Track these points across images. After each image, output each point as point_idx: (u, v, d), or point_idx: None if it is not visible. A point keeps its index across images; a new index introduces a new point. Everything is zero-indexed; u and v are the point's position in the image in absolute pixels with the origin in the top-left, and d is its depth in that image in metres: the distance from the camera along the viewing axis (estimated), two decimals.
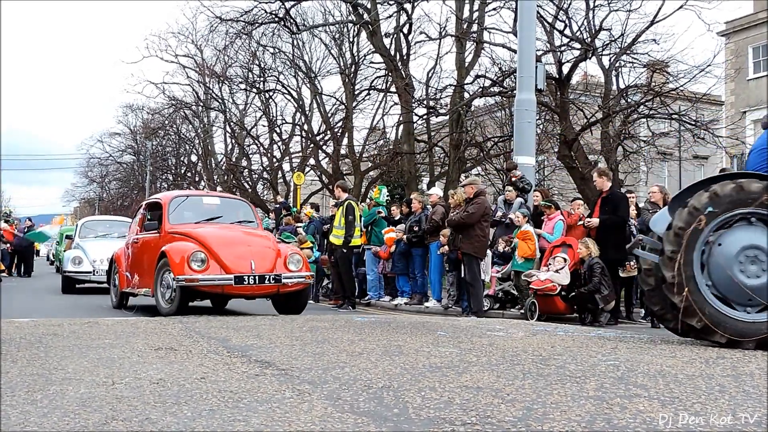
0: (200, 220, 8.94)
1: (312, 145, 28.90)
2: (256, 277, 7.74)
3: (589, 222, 9.23)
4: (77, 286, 14.26)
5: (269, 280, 7.83)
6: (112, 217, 26.80)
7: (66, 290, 14.04)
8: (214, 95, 33.36)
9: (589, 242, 9.03)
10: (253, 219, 9.57)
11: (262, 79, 29.52)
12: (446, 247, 10.20)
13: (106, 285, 13.81)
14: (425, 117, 22.51)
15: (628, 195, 10.94)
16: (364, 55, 26.44)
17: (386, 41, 21.67)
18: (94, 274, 13.61)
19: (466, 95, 19.24)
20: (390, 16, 21.89)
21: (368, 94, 27.41)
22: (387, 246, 11.74)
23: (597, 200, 9.48)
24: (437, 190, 12.43)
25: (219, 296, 8.45)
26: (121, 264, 9.61)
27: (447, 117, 21.12)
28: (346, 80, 26.65)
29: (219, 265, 7.72)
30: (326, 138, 28.89)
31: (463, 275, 9.68)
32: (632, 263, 9.45)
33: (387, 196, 15.38)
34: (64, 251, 16.65)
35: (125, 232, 15.23)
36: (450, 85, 20.42)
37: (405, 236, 11.31)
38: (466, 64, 20.31)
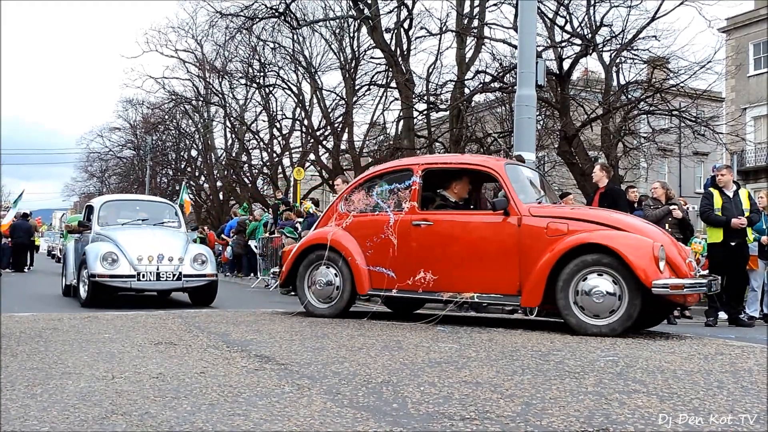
0: (539, 197, 6.54)
1: (312, 141, 28.89)
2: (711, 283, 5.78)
3: None
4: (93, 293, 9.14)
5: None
6: (138, 196, 20.86)
7: (93, 302, 8.96)
8: (214, 90, 33.35)
9: None
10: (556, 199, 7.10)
11: (262, 74, 29.50)
12: None
13: (150, 293, 10.14)
14: (425, 112, 22.50)
15: (630, 190, 10.94)
16: (365, 51, 26.42)
17: (387, 36, 21.63)
18: (139, 279, 9.04)
19: (467, 91, 19.23)
20: (390, 12, 21.87)
21: (368, 89, 27.38)
22: None
23: (594, 196, 9.49)
24: None
25: (669, 305, 6.09)
26: (352, 254, 6.53)
27: (447, 112, 21.12)
28: (347, 75, 26.63)
29: (669, 264, 5.48)
30: (326, 133, 28.89)
31: None
32: None
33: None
34: (80, 244, 10.74)
35: (163, 217, 10.89)
36: (450, 80, 20.41)
37: None
38: (467, 60, 20.29)
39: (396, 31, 21.70)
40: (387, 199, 6.62)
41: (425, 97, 21.39)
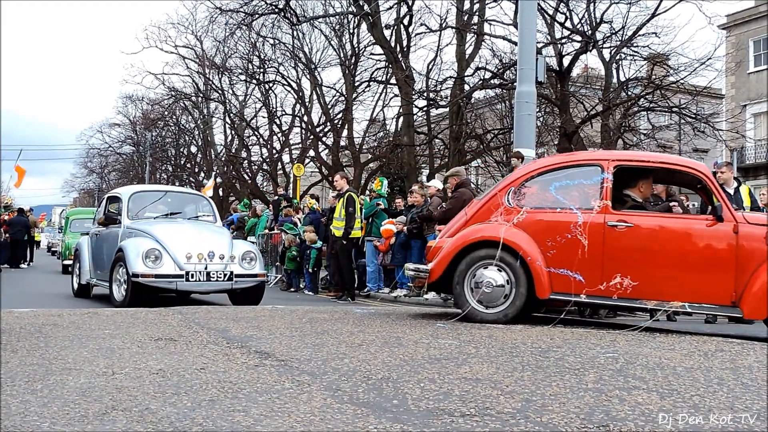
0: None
1: (312, 137, 28.88)
2: None
3: None
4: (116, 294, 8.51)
5: None
6: (169, 187, 19.91)
7: (135, 302, 7.99)
8: (213, 86, 33.36)
9: None
10: None
11: (261, 70, 29.51)
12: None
13: (199, 296, 9.39)
14: (425, 109, 22.52)
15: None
16: (365, 47, 26.42)
17: (387, 33, 21.64)
18: (187, 280, 8.23)
19: (467, 87, 19.23)
20: (390, 8, 21.89)
21: (368, 85, 27.41)
22: (384, 239, 11.75)
23: None
24: (437, 183, 12.42)
25: None
26: (530, 254, 5.83)
27: (447, 109, 21.12)
28: (347, 72, 26.62)
29: None
30: (326, 129, 28.88)
31: None
32: None
33: (387, 188, 15.41)
34: (96, 239, 9.97)
35: (196, 211, 10.04)
36: (450, 77, 20.43)
37: (405, 228, 11.32)
38: (467, 56, 20.29)
39: (396, 27, 21.71)
40: (569, 194, 6.02)
41: (425, 94, 21.40)
